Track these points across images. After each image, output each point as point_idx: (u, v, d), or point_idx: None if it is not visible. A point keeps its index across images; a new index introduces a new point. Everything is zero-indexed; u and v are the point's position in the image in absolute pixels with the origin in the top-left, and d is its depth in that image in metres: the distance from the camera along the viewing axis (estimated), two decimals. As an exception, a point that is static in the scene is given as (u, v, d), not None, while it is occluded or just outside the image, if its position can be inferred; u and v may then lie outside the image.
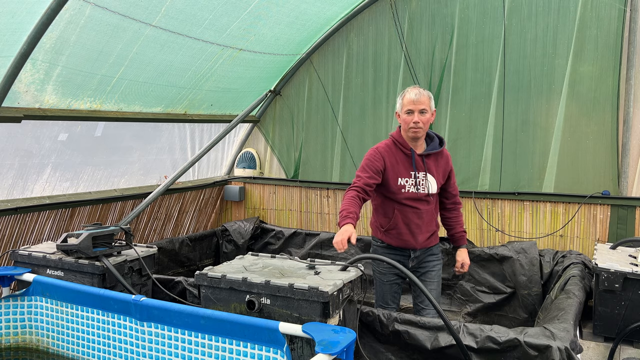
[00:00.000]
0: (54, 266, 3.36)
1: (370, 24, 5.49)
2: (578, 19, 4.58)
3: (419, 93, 3.16)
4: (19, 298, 3.19)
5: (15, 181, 4.10)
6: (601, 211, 4.54)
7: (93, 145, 4.65)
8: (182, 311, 2.65)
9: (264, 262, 3.09)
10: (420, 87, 3.22)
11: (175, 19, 3.91)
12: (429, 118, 3.19)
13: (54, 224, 4.26)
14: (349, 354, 2.17)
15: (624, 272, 3.45)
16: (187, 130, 5.67)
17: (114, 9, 3.48)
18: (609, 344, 3.45)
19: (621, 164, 4.48)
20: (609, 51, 4.49)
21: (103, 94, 4.16)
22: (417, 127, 3.15)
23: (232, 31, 4.44)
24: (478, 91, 5.01)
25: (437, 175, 3.31)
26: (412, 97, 3.15)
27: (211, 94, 5.22)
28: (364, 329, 2.97)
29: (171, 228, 5.52)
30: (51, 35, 3.34)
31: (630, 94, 4.42)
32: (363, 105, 5.56)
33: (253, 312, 2.69)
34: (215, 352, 2.56)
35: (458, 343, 2.63)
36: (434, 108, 3.25)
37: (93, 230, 3.37)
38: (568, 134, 4.67)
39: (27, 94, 3.65)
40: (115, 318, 2.88)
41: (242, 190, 6.11)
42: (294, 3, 4.57)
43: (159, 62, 4.26)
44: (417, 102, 3.13)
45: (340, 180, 5.70)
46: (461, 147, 5.06)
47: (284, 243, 5.67)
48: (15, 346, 3.21)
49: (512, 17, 4.83)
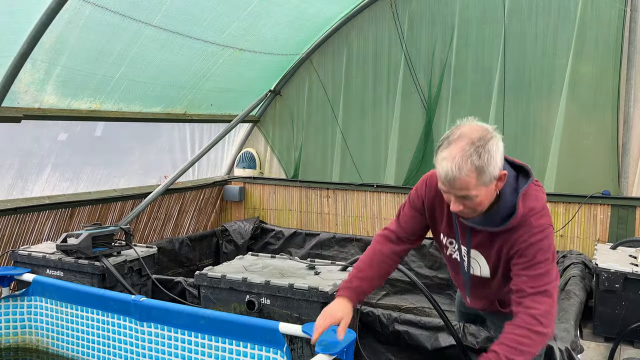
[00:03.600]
0: (53, 266, 3.36)
1: (370, 24, 5.49)
2: (578, 19, 4.58)
3: (453, 171, 1.77)
4: (19, 298, 3.18)
5: (15, 181, 4.10)
6: (601, 211, 4.53)
7: (93, 145, 4.64)
8: (182, 311, 2.65)
9: (264, 262, 3.09)
10: (458, 154, 1.76)
11: (175, 18, 3.90)
12: (483, 199, 1.85)
13: (54, 224, 4.25)
14: (349, 354, 2.17)
15: (624, 272, 3.45)
16: (187, 130, 5.67)
17: (114, 9, 3.48)
18: (609, 344, 3.45)
19: (621, 164, 4.47)
20: (609, 51, 4.49)
21: (103, 94, 4.16)
22: (461, 214, 1.94)
23: (232, 31, 4.43)
24: (478, 91, 5.01)
25: (490, 257, 2.05)
26: (441, 174, 1.83)
27: (211, 94, 5.21)
28: (364, 329, 2.97)
29: (171, 228, 5.51)
30: (51, 35, 3.33)
31: (630, 94, 4.41)
32: (363, 105, 5.55)
33: (253, 312, 2.68)
34: (215, 353, 2.56)
35: (458, 343, 2.63)
36: (492, 179, 1.82)
37: (93, 230, 3.37)
38: (568, 134, 4.67)
39: (26, 94, 3.64)
40: (115, 318, 2.87)
41: (242, 190, 6.10)
42: (294, 3, 4.56)
43: (159, 62, 4.25)
44: (452, 185, 1.82)
45: (340, 180, 5.70)
46: (461, 147, 5.04)
47: (284, 243, 5.67)
48: (15, 346, 3.20)
49: (512, 17, 4.83)
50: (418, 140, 5.28)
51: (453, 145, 1.77)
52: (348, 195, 5.55)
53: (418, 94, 5.27)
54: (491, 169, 1.77)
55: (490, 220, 1.93)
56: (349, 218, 5.60)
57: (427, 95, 5.23)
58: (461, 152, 1.75)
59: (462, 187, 1.79)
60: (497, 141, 1.80)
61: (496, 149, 1.78)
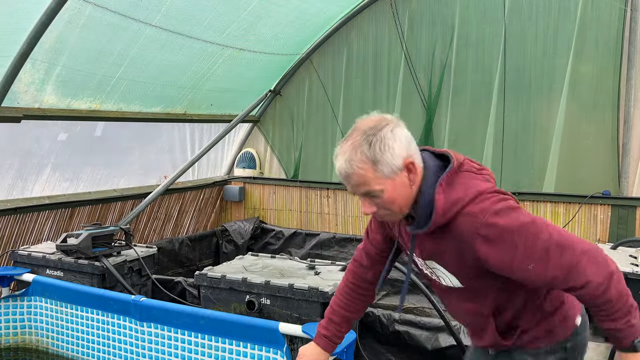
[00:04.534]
0: (53, 266, 3.36)
1: (370, 24, 5.49)
2: (578, 18, 4.57)
3: (345, 166, 1.57)
4: (19, 298, 3.18)
5: (15, 181, 4.10)
6: (602, 211, 4.53)
7: (93, 145, 4.64)
8: (182, 311, 2.65)
9: (263, 263, 3.09)
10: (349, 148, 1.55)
11: (175, 18, 3.90)
12: (393, 196, 1.56)
13: (54, 224, 4.25)
14: (348, 354, 2.17)
15: (625, 272, 3.44)
16: (187, 130, 5.67)
17: (114, 8, 3.48)
18: (609, 344, 3.45)
19: (621, 164, 4.47)
20: (610, 51, 4.49)
21: (103, 94, 4.16)
22: (381, 217, 1.67)
23: (232, 31, 4.43)
24: (478, 91, 5.00)
25: (448, 264, 1.66)
26: (338, 174, 1.63)
27: (211, 94, 5.21)
28: (364, 330, 2.96)
29: (171, 228, 5.51)
30: (51, 35, 3.33)
31: (630, 94, 4.41)
32: (363, 105, 5.55)
33: (253, 312, 2.68)
34: (215, 353, 2.56)
35: (458, 344, 2.62)
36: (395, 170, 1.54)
37: (93, 231, 3.36)
38: (568, 134, 4.66)
39: (26, 94, 3.64)
40: (114, 318, 2.87)
41: (242, 190, 6.10)
42: (294, 3, 4.56)
43: (159, 62, 4.25)
44: (349, 183, 1.60)
45: (340, 180, 5.69)
46: (461, 147, 5.05)
47: (284, 243, 5.67)
48: (15, 346, 3.20)
49: (513, 17, 4.82)
50: (418, 140, 5.21)
51: (346, 140, 1.58)
52: (348, 195, 5.55)
53: (418, 93, 5.27)
54: (387, 157, 1.53)
55: (418, 222, 1.60)
56: (349, 218, 5.60)
57: (427, 95, 5.23)
58: (352, 144, 1.55)
59: (360, 183, 1.56)
60: (392, 128, 1.56)
61: (391, 135, 1.54)
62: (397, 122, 1.60)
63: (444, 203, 1.54)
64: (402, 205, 1.59)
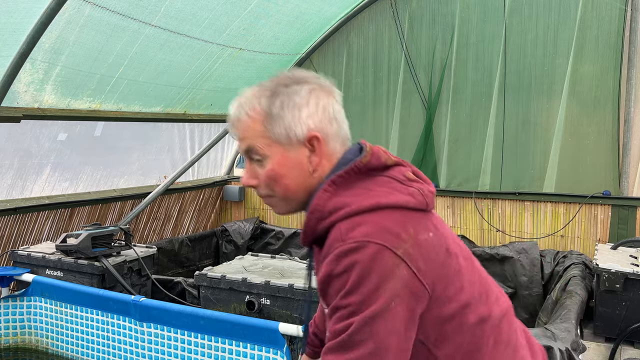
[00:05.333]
0: (53, 266, 3.36)
1: (370, 23, 5.48)
2: (579, 18, 4.57)
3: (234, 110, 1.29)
4: (18, 298, 3.18)
5: (15, 181, 4.09)
6: (602, 211, 4.53)
7: (92, 145, 4.64)
8: (182, 312, 2.64)
9: (263, 263, 3.08)
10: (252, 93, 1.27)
11: (175, 18, 3.90)
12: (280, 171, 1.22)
13: (53, 224, 4.25)
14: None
15: (625, 272, 3.44)
16: (187, 130, 5.66)
17: (113, 8, 3.47)
18: (609, 345, 3.44)
19: (622, 164, 4.47)
20: (610, 51, 4.48)
21: (102, 93, 4.15)
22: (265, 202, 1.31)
23: (232, 31, 4.43)
24: (478, 91, 5.00)
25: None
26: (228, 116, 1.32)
27: (211, 94, 5.21)
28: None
29: (171, 228, 5.51)
30: (50, 35, 3.33)
31: (631, 93, 4.41)
32: (363, 105, 5.55)
33: (253, 312, 2.68)
34: (215, 353, 2.55)
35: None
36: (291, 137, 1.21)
37: (92, 231, 3.36)
38: (569, 134, 4.66)
39: (26, 93, 3.64)
40: (114, 318, 2.87)
41: (242, 190, 6.10)
42: (294, 3, 4.56)
43: (159, 62, 4.24)
44: (232, 131, 1.30)
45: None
46: (462, 147, 5.04)
47: (284, 243, 5.66)
48: (15, 346, 3.20)
49: (513, 16, 4.82)
50: (418, 140, 5.28)
51: (255, 85, 1.27)
52: (348, 195, 5.54)
53: (418, 93, 5.26)
54: (287, 117, 1.18)
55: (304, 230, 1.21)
56: (349, 218, 5.59)
57: (427, 95, 5.22)
58: (256, 90, 1.24)
59: (242, 136, 1.23)
60: (313, 89, 1.23)
61: (306, 96, 1.21)
62: (327, 89, 1.26)
63: (328, 204, 1.15)
64: (291, 191, 1.21)
